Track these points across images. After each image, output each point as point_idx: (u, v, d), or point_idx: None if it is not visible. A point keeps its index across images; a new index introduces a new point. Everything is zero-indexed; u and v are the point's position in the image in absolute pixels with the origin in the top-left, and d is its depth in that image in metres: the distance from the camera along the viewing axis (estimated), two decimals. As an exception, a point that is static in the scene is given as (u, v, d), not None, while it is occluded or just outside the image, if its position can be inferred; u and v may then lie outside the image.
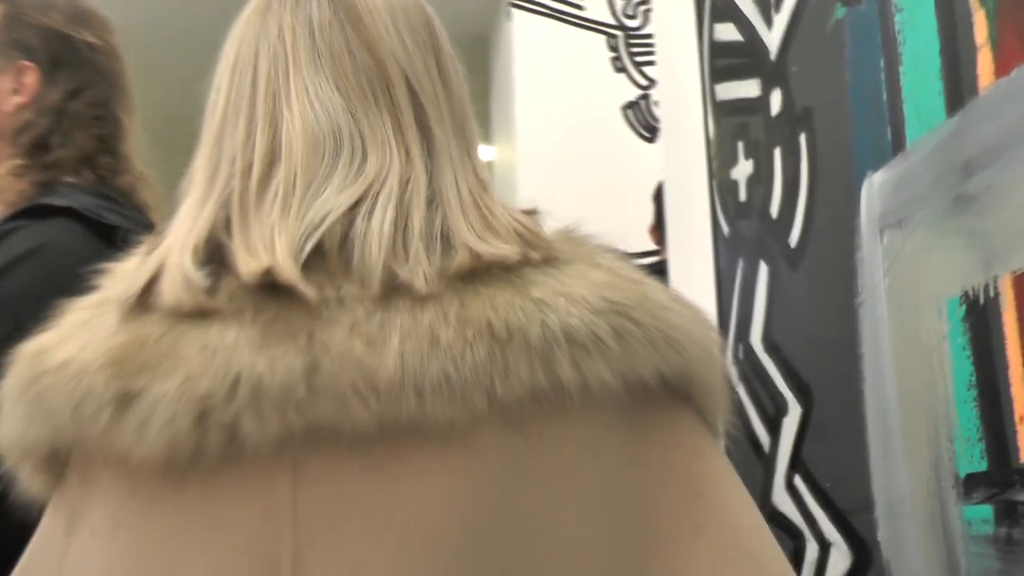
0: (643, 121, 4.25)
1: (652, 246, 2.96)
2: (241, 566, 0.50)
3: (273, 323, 0.51)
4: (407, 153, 0.59)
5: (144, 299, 0.54)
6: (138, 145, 1.41)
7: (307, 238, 0.54)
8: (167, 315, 0.53)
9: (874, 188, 1.10)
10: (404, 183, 0.57)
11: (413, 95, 0.61)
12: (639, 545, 0.55)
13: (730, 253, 1.59)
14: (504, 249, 0.55)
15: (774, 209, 1.40)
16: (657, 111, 4.11)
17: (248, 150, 0.59)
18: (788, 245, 1.34)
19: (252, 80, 0.61)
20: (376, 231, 0.54)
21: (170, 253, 0.56)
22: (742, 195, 1.54)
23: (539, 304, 0.53)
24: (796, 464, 1.31)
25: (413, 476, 0.51)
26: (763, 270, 1.43)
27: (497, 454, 0.52)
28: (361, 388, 0.50)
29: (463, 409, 0.50)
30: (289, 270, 0.52)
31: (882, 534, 1.06)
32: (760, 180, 1.46)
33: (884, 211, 1.07)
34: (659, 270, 1.91)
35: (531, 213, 0.61)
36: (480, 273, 0.54)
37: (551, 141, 3.89)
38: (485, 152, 5.18)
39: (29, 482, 0.58)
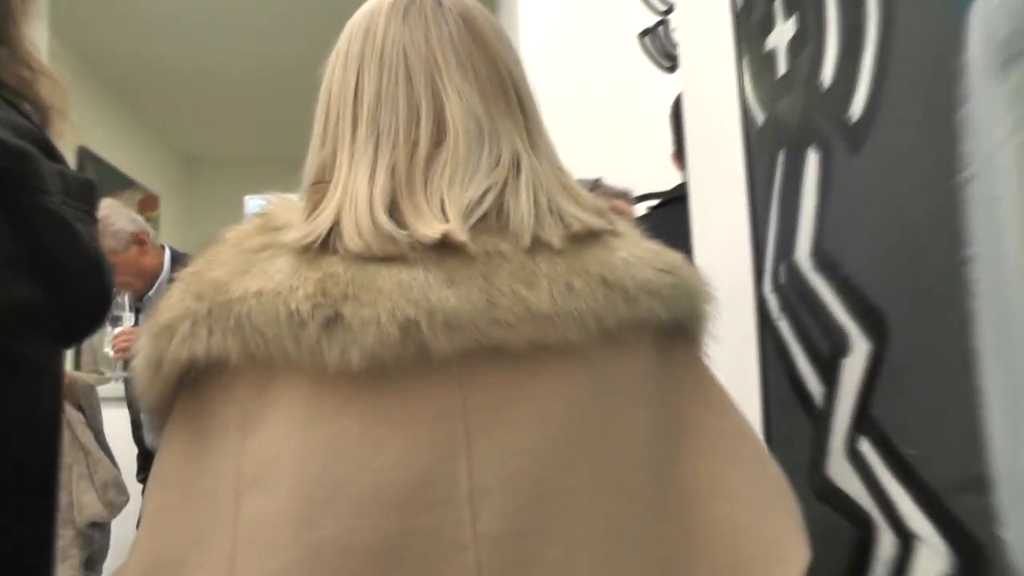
0: (662, 49, 3.81)
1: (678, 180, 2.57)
2: (426, 451, 0.65)
3: (455, 269, 0.67)
4: (523, 146, 0.74)
5: (326, 244, 0.67)
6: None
7: (474, 208, 0.70)
8: (352, 258, 0.66)
9: (992, 5, 0.72)
10: (531, 169, 0.73)
11: (520, 100, 0.76)
12: (675, 430, 0.75)
13: (765, 149, 1.21)
14: (597, 221, 0.73)
15: (826, 74, 1.01)
16: (676, 36, 3.73)
17: (413, 129, 0.72)
18: (847, 119, 0.96)
19: (406, 75, 0.74)
20: (524, 203, 0.71)
21: (346, 208, 0.69)
22: (781, 67, 1.15)
23: (626, 263, 0.71)
24: (862, 422, 0.94)
25: (551, 379, 0.68)
26: (811, 161, 1.05)
27: (603, 365, 0.70)
28: (524, 317, 0.66)
29: (585, 333, 0.68)
30: (461, 232, 0.67)
31: (1007, 530, 0.70)
32: (806, 40, 1.07)
33: (1013, 34, 0.69)
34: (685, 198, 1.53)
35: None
36: (582, 237, 0.71)
37: (559, 74, 3.49)
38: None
39: (149, 387, 0.69)
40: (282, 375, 0.65)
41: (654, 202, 2.17)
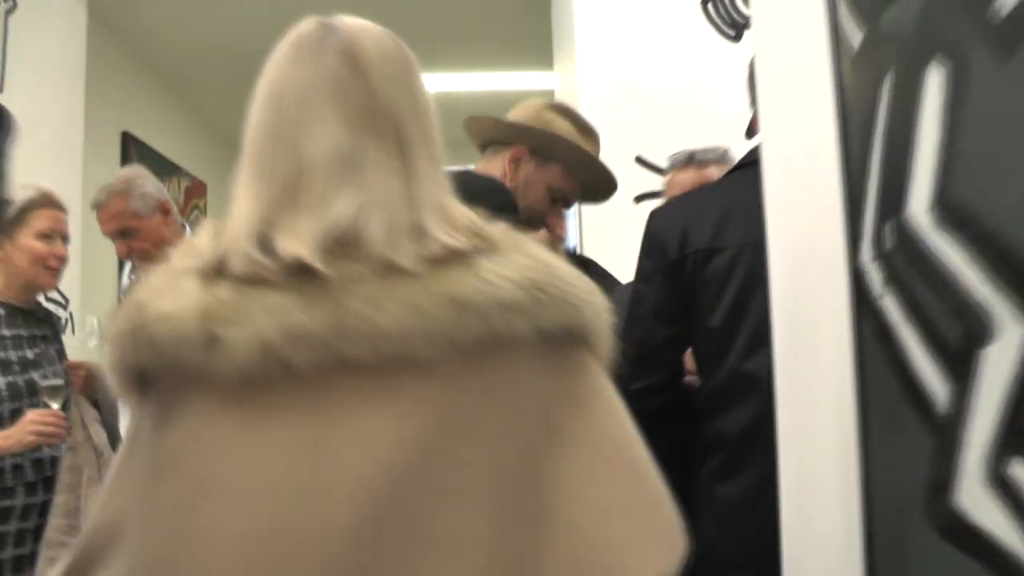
0: (726, 17, 3.51)
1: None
2: (289, 452, 0.73)
3: (313, 293, 0.74)
4: (392, 172, 0.79)
5: (219, 270, 0.76)
6: None
7: (328, 235, 0.76)
8: (236, 282, 0.75)
9: None
10: (390, 194, 0.79)
11: (397, 129, 0.81)
12: (545, 439, 0.78)
13: (864, 75, 0.93)
14: (462, 241, 0.77)
15: (957, -40, 0.74)
16: (741, 5, 3.42)
17: (280, 166, 0.80)
18: (992, 16, 0.68)
19: (279, 111, 0.81)
20: (376, 230, 0.76)
21: (233, 238, 0.78)
22: (887, -34, 0.88)
23: (484, 282, 0.75)
24: (1012, 437, 0.67)
25: (406, 392, 0.74)
26: (933, 80, 0.78)
27: (460, 380, 0.75)
28: (372, 336, 0.73)
29: (437, 351, 0.73)
30: (314, 259, 0.74)
31: None
32: (925, -79, 0.79)
33: None
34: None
35: (479, 214, 0.82)
36: (446, 258, 0.76)
37: (618, 51, 3.21)
38: (548, 79, 4.58)
39: (122, 392, 0.80)
40: (188, 385, 0.76)
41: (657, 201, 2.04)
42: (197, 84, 5.72)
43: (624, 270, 2.54)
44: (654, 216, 1.64)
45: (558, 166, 1.76)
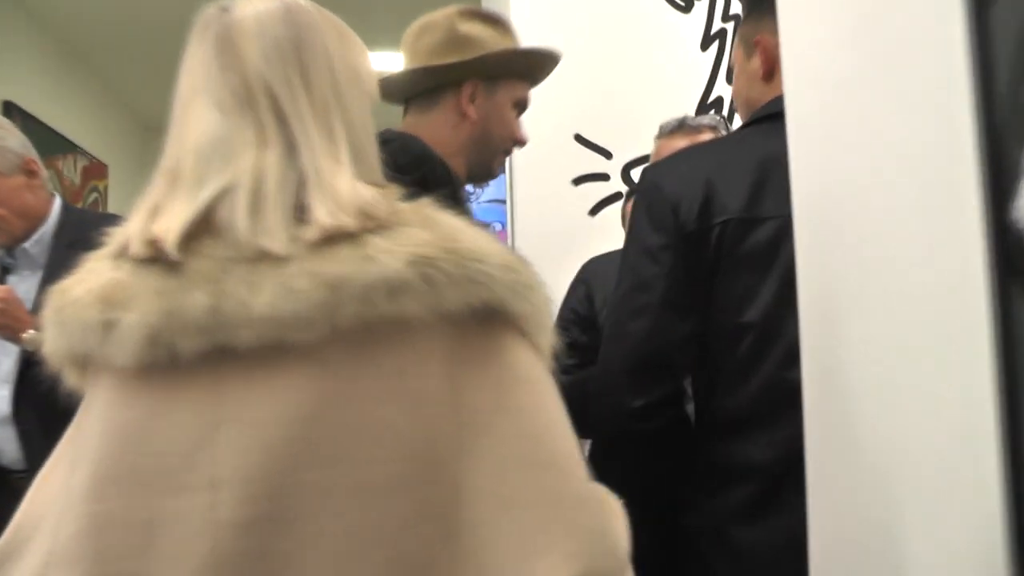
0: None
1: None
2: (181, 440, 0.72)
3: (194, 275, 0.73)
4: (267, 152, 0.76)
5: (122, 252, 0.77)
6: None
7: (193, 220, 0.74)
8: (136, 265, 0.75)
9: None
10: (262, 174, 0.75)
11: (277, 106, 0.78)
12: (457, 430, 0.73)
13: None
14: (345, 221, 0.73)
15: None
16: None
17: (170, 155, 0.80)
18: None
19: (176, 105, 0.82)
20: (240, 212, 0.74)
21: (135, 221, 0.78)
22: None
23: (367, 260, 0.71)
24: None
25: (290, 378, 0.71)
26: None
27: (343, 364, 0.72)
28: (250, 320, 0.71)
29: (316, 334, 0.70)
30: (173, 242, 0.74)
31: None
32: None
33: None
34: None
35: (385, 187, 0.80)
36: (329, 238, 0.72)
37: (559, 21, 2.84)
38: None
39: (68, 377, 0.81)
40: (100, 371, 0.78)
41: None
42: (104, 58, 5.22)
43: (560, 259, 2.26)
44: (658, 173, 1.25)
45: (510, 79, 1.54)
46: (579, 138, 2.62)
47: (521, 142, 1.58)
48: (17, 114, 4.44)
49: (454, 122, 1.50)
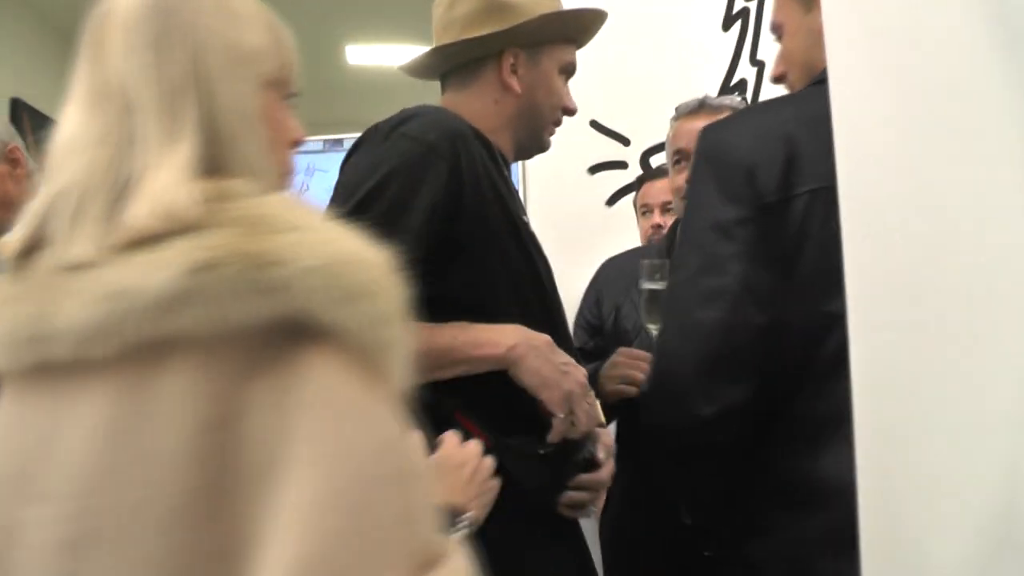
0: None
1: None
2: (19, 454, 0.70)
3: (23, 287, 0.71)
4: (106, 150, 0.71)
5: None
6: None
7: (31, 228, 0.72)
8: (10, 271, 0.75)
9: None
10: (92, 174, 0.71)
11: (127, 102, 0.73)
12: (242, 459, 0.63)
13: None
14: (149, 223, 0.67)
15: None
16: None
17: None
18: None
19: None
20: (62, 215, 0.70)
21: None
22: None
23: (155, 268, 0.65)
24: None
25: (93, 396, 0.67)
26: None
27: (134, 384, 0.66)
28: (53, 333, 0.67)
29: (108, 351, 0.65)
30: (10, 252, 0.73)
31: None
32: None
33: None
34: None
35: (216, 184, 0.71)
36: (134, 242, 0.67)
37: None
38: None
39: None
40: None
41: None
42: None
43: (576, 252, 2.15)
44: (725, 131, 1.07)
45: (554, 44, 1.43)
46: (595, 124, 2.50)
47: (571, 111, 1.46)
48: (24, 110, 4.43)
49: (496, 96, 1.39)
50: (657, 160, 2.43)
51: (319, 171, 3.50)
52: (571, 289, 1.91)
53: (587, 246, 2.19)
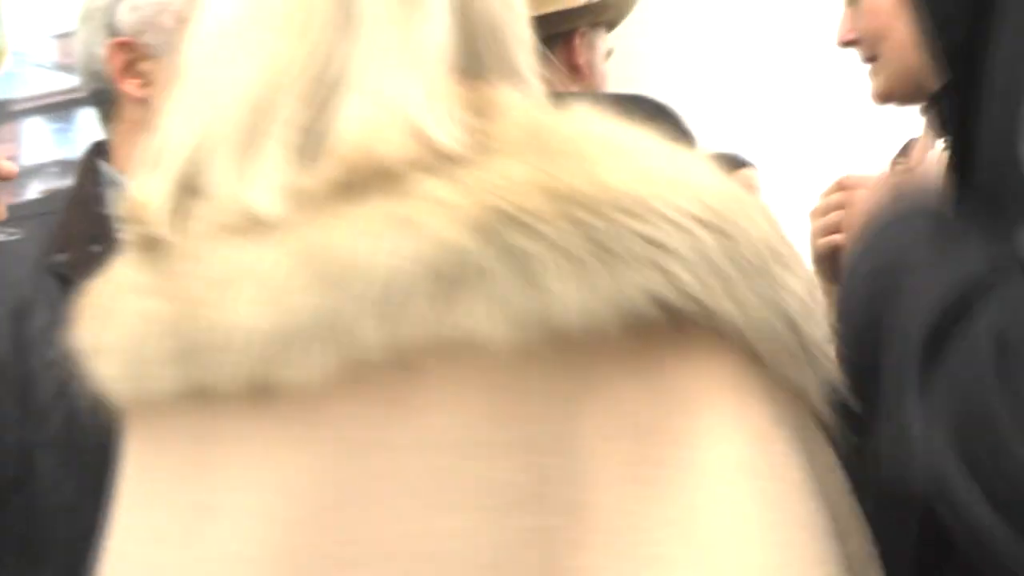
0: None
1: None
2: (167, 519, 0.49)
3: (160, 268, 0.47)
4: (302, 38, 0.46)
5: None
6: None
7: (183, 170, 0.48)
8: (128, 251, 0.54)
9: None
10: (274, 82, 0.46)
11: None
12: (557, 561, 0.41)
13: None
14: (385, 149, 0.43)
15: None
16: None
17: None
18: None
19: None
20: (226, 147, 0.46)
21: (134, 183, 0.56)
22: None
23: (400, 224, 0.41)
24: None
25: (272, 445, 0.45)
26: None
27: (351, 427, 0.44)
28: (220, 344, 0.44)
29: (308, 370, 0.42)
30: (159, 210, 0.48)
31: None
32: None
33: None
34: None
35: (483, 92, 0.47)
36: (349, 186, 0.43)
37: None
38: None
39: None
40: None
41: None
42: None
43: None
44: None
45: (599, 26, 1.37)
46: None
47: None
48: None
49: (561, 79, 1.32)
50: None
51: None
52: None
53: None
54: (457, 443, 0.42)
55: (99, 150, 1.10)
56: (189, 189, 0.47)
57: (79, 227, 1.01)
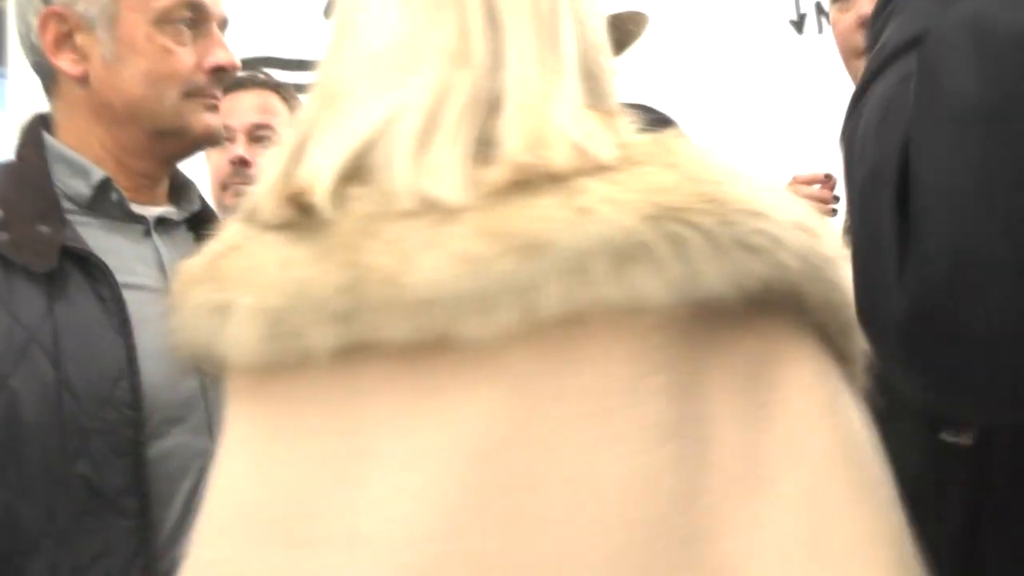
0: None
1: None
2: (309, 469, 0.55)
3: (323, 240, 0.54)
4: (463, 57, 0.57)
5: (254, 213, 0.61)
6: None
7: (350, 158, 0.56)
8: (263, 227, 0.59)
9: None
10: (445, 91, 0.56)
11: (491, 13, 0.58)
12: (713, 478, 0.52)
13: None
14: (550, 157, 0.52)
15: None
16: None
17: (323, 69, 0.62)
18: None
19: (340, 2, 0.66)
20: (403, 145, 0.54)
21: (271, 170, 0.61)
22: None
23: (580, 212, 0.50)
24: None
25: (455, 393, 0.52)
26: None
27: (526, 375, 0.52)
28: (395, 304, 0.51)
29: (500, 327, 0.50)
30: (324, 192, 0.55)
31: None
32: None
33: None
34: None
35: (613, 113, 0.58)
36: (524, 184, 0.52)
37: None
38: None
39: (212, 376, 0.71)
40: (228, 372, 0.64)
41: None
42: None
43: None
44: None
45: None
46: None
47: None
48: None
49: None
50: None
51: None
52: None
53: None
54: (620, 390, 0.51)
55: (44, 122, 1.01)
56: (349, 179, 0.55)
57: (23, 204, 0.92)
